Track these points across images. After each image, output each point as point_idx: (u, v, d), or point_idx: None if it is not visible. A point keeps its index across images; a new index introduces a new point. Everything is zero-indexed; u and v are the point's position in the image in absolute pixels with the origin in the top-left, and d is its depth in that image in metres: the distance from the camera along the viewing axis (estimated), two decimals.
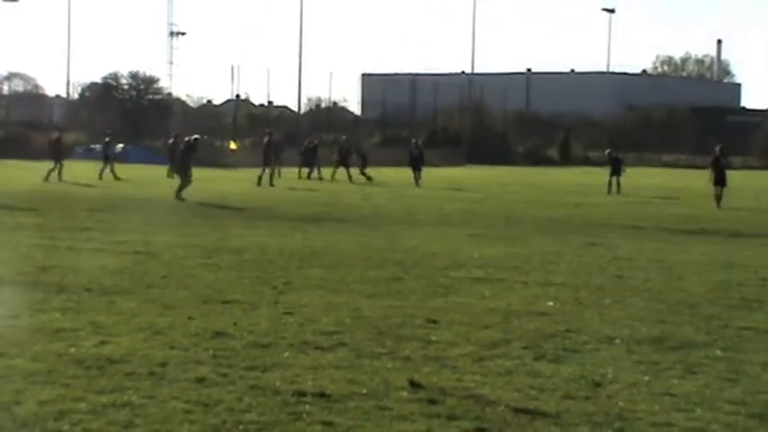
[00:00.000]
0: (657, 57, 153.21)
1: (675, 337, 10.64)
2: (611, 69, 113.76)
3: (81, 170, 43.18)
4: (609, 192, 39.51)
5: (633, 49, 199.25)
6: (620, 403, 8.04)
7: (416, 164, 44.27)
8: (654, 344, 10.27)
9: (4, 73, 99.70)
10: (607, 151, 43.69)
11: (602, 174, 41.15)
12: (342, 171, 45.68)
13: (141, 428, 7.17)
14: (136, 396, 7.92)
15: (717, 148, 34.75)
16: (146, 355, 9.26)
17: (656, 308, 12.39)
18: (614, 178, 40.46)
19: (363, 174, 45.65)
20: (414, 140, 51.25)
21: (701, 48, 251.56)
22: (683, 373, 9.10)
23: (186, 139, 34.26)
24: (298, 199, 32.68)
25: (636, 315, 11.83)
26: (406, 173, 44.87)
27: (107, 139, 45.70)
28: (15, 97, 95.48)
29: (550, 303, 12.54)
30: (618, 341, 10.34)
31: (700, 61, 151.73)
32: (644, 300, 13.01)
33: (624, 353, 9.85)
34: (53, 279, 13.75)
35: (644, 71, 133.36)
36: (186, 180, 31.39)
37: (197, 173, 46.84)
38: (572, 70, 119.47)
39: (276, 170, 44.89)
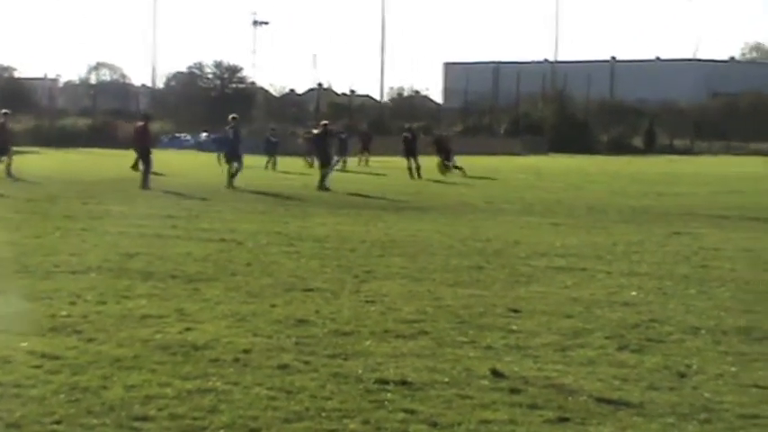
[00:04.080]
0: (746, 43, 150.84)
1: (763, 327, 10.46)
2: (697, 56, 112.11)
3: (167, 158, 43.69)
4: None
5: (721, 36, 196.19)
6: (706, 394, 7.93)
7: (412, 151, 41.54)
8: (741, 334, 10.11)
9: (92, 63, 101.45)
10: None
11: (687, 162, 40.58)
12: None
13: (226, 414, 7.25)
14: (220, 382, 8.01)
15: None
16: (230, 342, 9.36)
17: (743, 298, 12.20)
18: None
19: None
20: (408, 126, 47.75)
21: None
22: None
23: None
24: (379, 187, 32.74)
25: (722, 305, 11.65)
26: (486, 161, 44.69)
27: (270, 134, 45.55)
28: (102, 87, 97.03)
29: (634, 293, 12.41)
30: (703, 332, 10.20)
31: None
32: (730, 290, 12.81)
33: (710, 343, 9.72)
34: (139, 266, 13.96)
35: (732, 58, 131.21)
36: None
37: (282, 161, 47.19)
38: (657, 58, 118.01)
39: (364, 159, 45.04)
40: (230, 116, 34.14)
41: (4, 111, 35.43)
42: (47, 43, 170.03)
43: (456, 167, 40.62)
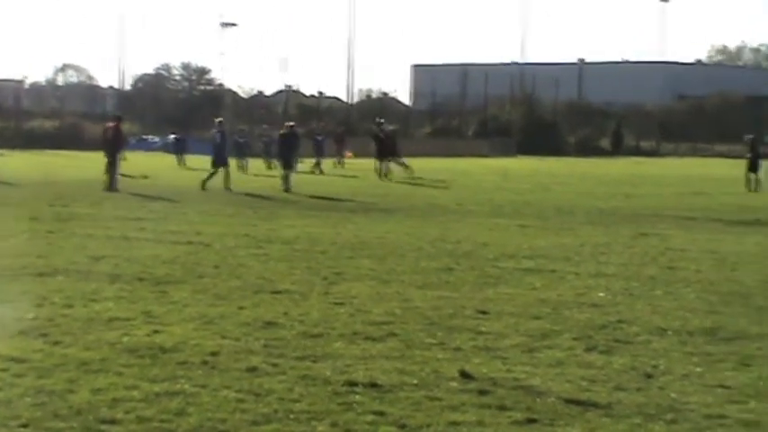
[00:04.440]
0: (712, 46, 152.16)
1: (728, 328, 10.54)
2: (664, 59, 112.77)
3: (135, 160, 43.51)
4: (749, 189, 34.21)
5: (687, 39, 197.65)
6: (673, 395, 7.98)
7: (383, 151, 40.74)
8: (706, 335, 10.18)
9: (58, 64, 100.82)
10: (750, 137, 36.73)
11: (654, 164, 40.72)
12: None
13: (194, 417, 7.22)
14: (188, 385, 7.98)
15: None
16: (198, 345, 9.33)
17: (709, 299, 12.28)
18: (753, 174, 34.44)
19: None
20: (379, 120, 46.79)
21: (756, 36, 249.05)
22: (736, 364, 9.01)
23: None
24: (348, 189, 32.72)
25: (688, 306, 11.73)
26: (455, 163, 44.76)
27: (239, 135, 44.85)
28: (69, 88, 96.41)
29: (601, 294, 12.47)
30: (670, 332, 10.27)
31: (755, 50, 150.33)
32: (696, 291, 12.89)
33: (676, 344, 9.78)
34: (106, 269, 13.89)
35: (698, 61, 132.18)
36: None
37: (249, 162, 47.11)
38: (625, 60, 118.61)
39: (340, 161, 44.94)
40: (216, 120, 34.37)
41: None
42: (12, 45, 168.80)
43: (402, 164, 40.27)
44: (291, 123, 35.75)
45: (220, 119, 34.55)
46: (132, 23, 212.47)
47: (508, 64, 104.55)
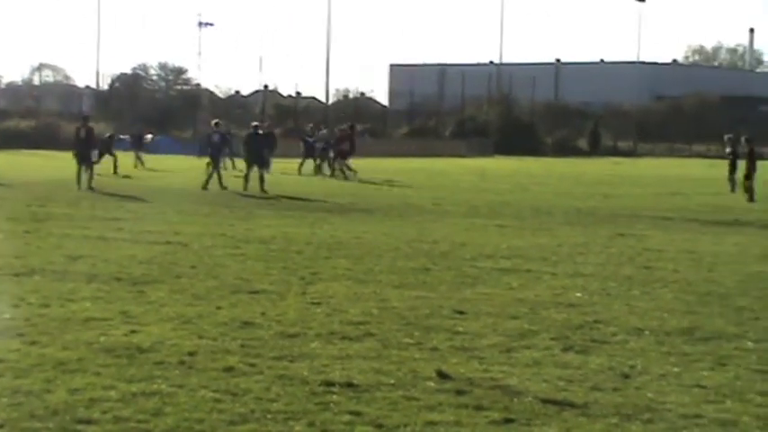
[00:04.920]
0: (689, 46, 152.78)
1: (705, 328, 10.59)
2: (641, 59, 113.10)
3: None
4: (732, 190, 33.24)
5: (664, 39, 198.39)
6: (649, 395, 8.01)
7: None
8: (683, 335, 10.23)
9: (35, 64, 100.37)
10: (729, 136, 35.81)
11: (631, 164, 40.72)
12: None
13: (171, 417, 7.21)
14: (165, 385, 7.97)
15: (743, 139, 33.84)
16: (175, 345, 9.31)
17: (686, 299, 12.33)
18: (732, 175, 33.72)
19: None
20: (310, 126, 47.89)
21: (733, 37, 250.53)
22: (713, 364, 9.06)
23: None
24: (325, 189, 32.69)
25: (665, 306, 11.78)
26: (432, 163, 44.68)
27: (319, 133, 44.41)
28: (45, 88, 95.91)
29: (578, 294, 12.51)
30: (647, 332, 10.31)
31: (732, 50, 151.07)
32: (673, 291, 12.95)
33: (653, 344, 9.82)
34: (83, 269, 13.84)
35: (674, 61, 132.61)
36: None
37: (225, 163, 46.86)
38: (601, 60, 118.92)
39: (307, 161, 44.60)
40: (213, 121, 35.09)
41: None
42: None
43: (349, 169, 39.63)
44: (256, 123, 35.66)
45: (217, 120, 35.46)
46: (109, 23, 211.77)
47: (485, 64, 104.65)
